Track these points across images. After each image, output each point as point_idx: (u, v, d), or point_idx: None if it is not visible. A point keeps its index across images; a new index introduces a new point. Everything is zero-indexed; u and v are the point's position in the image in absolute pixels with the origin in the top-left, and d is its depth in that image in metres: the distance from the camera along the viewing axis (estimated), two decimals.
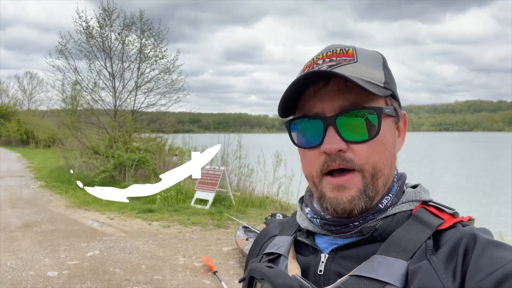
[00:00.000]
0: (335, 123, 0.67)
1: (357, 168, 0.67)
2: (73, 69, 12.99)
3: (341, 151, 0.67)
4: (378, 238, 0.67)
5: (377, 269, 0.62)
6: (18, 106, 46.99)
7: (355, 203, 0.67)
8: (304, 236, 0.77)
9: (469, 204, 11.53)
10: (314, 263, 0.72)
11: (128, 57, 13.10)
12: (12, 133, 36.81)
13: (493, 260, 0.57)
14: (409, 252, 0.63)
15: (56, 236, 6.65)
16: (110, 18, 12.75)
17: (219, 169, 9.00)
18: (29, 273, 4.97)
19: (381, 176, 0.70)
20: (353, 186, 0.67)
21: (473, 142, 71.41)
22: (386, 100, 0.71)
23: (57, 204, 9.51)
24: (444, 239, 0.64)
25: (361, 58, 0.71)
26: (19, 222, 7.58)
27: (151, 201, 9.22)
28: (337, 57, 0.71)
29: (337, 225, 0.71)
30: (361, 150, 0.67)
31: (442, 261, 0.61)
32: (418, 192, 0.73)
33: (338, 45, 0.74)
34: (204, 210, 8.39)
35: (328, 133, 0.67)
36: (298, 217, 0.81)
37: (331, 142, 0.67)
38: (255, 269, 0.68)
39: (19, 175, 14.98)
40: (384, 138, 0.69)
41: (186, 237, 6.66)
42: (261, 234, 0.92)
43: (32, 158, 22.51)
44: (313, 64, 0.72)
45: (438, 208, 0.70)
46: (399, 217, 0.69)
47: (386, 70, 0.73)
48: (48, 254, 5.67)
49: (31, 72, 56.31)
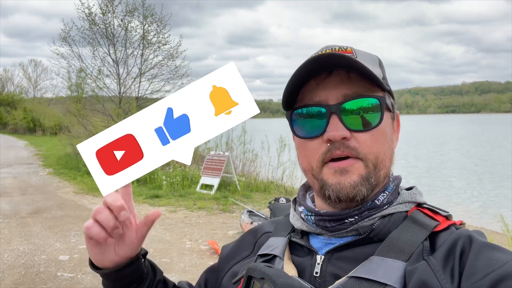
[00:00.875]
0: (339, 111, 0.67)
1: (361, 157, 0.67)
2: (77, 56, 13.05)
3: (345, 139, 0.67)
4: (375, 239, 0.67)
5: (376, 271, 0.61)
6: (23, 94, 47.37)
7: (358, 189, 0.67)
8: (298, 237, 0.76)
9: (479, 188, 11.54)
10: (309, 265, 0.71)
11: (131, 44, 13.12)
12: (19, 121, 37.15)
13: (489, 262, 0.57)
14: (407, 253, 0.63)
15: (66, 221, 6.82)
16: (112, 4, 12.73)
17: (223, 154, 9.09)
18: (41, 257, 5.14)
19: (383, 168, 0.70)
20: (355, 171, 0.67)
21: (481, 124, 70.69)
22: (384, 94, 0.71)
23: (66, 191, 9.69)
24: (440, 241, 0.65)
25: (360, 56, 0.71)
26: (29, 209, 7.76)
27: (157, 187, 9.36)
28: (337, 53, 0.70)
29: (333, 220, 0.70)
30: (364, 139, 0.67)
31: (440, 262, 0.61)
32: (414, 194, 0.74)
33: (335, 44, 0.75)
34: (209, 195, 8.52)
35: (332, 121, 0.67)
36: (291, 218, 0.80)
37: (335, 129, 0.66)
38: (254, 269, 0.65)
39: (28, 163, 15.21)
40: (385, 130, 0.70)
41: (192, 221, 6.80)
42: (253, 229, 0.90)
43: (40, 145, 22.78)
44: None
45: (432, 210, 0.71)
46: (395, 218, 0.69)
47: (383, 69, 0.74)
48: (59, 239, 5.84)
49: (36, 59, 56.42)
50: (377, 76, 0.67)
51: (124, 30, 12.89)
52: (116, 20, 12.86)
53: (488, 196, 10.46)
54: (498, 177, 13.28)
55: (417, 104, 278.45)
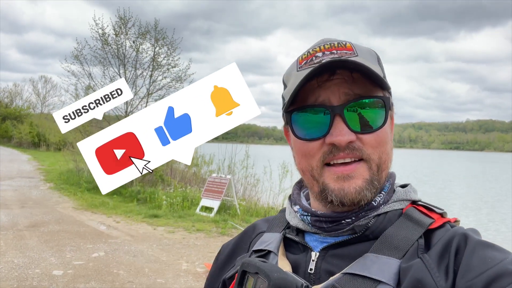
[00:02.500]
0: (343, 113, 0.65)
1: (365, 157, 0.66)
2: (87, 74, 13.29)
3: (350, 142, 0.65)
4: (370, 237, 0.66)
5: (370, 268, 0.61)
6: (31, 109, 47.91)
7: (363, 194, 0.65)
8: (293, 234, 0.75)
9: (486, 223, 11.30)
10: (304, 261, 0.70)
11: (141, 65, 13.36)
12: (24, 135, 37.42)
13: (484, 260, 0.57)
14: (401, 250, 0.62)
15: (62, 236, 6.75)
16: (125, 26, 13.07)
17: (225, 177, 9.06)
18: (35, 271, 5.06)
19: (385, 169, 0.69)
20: (359, 176, 0.65)
21: (485, 162, 70.22)
22: (384, 94, 0.69)
23: (65, 206, 9.64)
24: (435, 238, 0.64)
25: (360, 52, 0.69)
26: (27, 222, 7.70)
27: (157, 206, 9.30)
28: (337, 50, 0.68)
29: (329, 221, 0.69)
30: (369, 140, 0.66)
31: (435, 259, 0.61)
32: (408, 191, 0.73)
33: (334, 38, 0.72)
34: (209, 217, 8.44)
35: (335, 123, 0.65)
36: (287, 214, 0.79)
37: (341, 133, 0.64)
38: (249, 264, 0.65)
39: (29, 176, 15.21)
40: (387, 130, 0.69)
41: (190, 243, 6.71)
42: (247, 229, 0.88)
43: (43, 160, 22.83)
44: (311, 56, 0.69)
45: (427, 207, 0.70)
46: (391, 215, 0.68)
47: (381, 66, 0.72)
48: (54, 254, 5.76)
49: (46, 76, 57.45)
50: (381, 77, 0.65)
51: (136, 51, 13.18)
52: (128, 41, 13.19)
53: None
54: None
55: (420, 138, 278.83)
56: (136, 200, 10.02)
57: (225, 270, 0.83)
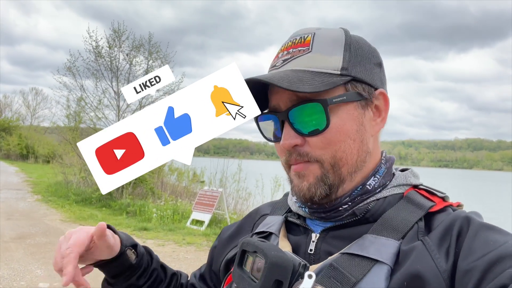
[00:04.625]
0: (287, 118, 0.68)
1: (314, 160, 0.68)
2: (79, 86, 13.24)
3: (297, 146, 0.68)
4: (370, 219, 0.68)
5: (368, 248, 0.62)
6: (20, 121, 47.37)
7: (313, 191, 0.68)
8: (295, 217, 0.77)
9: None
10: (304, 243, 0.72)
11: (134, 77, 13.36)
12: (12, 147, 36.87)
13: (486, 242, 0.57)
14: (400, 232, 0.63)
15: (49, 249, 6.59)
16: (119, 39, 13.12)
17: (217, 190, 9.01)
18: (20, 283, 4.92)
19: (344, 165, 0.69)
20: (310, 174, 0.69)
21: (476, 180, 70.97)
22: (346, 87, 0.68)
23: (52, 218, 9.45)
24: (436, 222, 0.65)
25: (317, 46, 0.69)
26: (13, 234, 7.52)
27: (147, 219, 9.17)
28: (293, 49, 0.71)
29: (327, 211, 0.71)
30: (316, 142, 0.67)
31: (435, 242, 0.61)
32: (408, 176, 0.74)
33: (302, 30, 0.73)
34: (199, 231, 8.34)
35: (285, 128, 0.69)
36: (289, 200, 0.82)
37: (285, 138, 0.68)
38: (248, 243, 0.67)
39: (16, 188, 14.93)
40: (343, 127, 0.68)
41: (180, 256, 6.61)
42: (252, 213, 0.92)
43: (31, 172, 22.47)
44: (276, 58, 0.74)
45: (429, 191, 0.71)
46: (391, 199, 0.70)
47: (348, 52, 0.69)
48: (41, 266, 5.62)
49: (37, 88, 57.16)
50: (325, 74, 0.66)
51: (129, 64, 13.22)
52: (122, 54, 13.23)
53: None
54: None
55: (410, 156, 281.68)
56: (125, 212, 9.87)
57: (226, 250, 0.86)
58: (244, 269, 0.67)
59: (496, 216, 17.03)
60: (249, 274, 0.65)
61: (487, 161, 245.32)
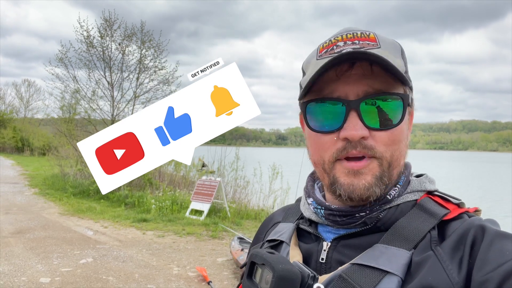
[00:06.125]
0: (358, 108, 0.63)
1: (377, 155, 0.64)
2: (72, 77, 13.06)
3: (363, 138, 0.64)
4: (382, 228, 0.66)
5: (378, 258, 0.61)
6: (14, 114, 46.92)
7: (372, 190, 0.64)
8: (306, 224, 0.76)
9: None
10: (316, 251, 0.70)
11: (127, 67, 13.19)
12: (7, 140, 36.63)
13: (502, 252, 0.55)
14: (411, 241, 0.61)
15: (49, 243, 6.59)
16: (111, 29, 12.89)
17: (215, 180, 9.00)
18: (21, 278, 4.92)
19: (397, 166, 0.68)
20: (369, 172, 0.64)
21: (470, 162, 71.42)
22: (405, 89, 0.67)
23: (50, 212, 9.43)
24: (449, 230, 0.62)
25: (384, 44, 0.67)
26: (12, 228, 7.50)
27: (145, 211, 9.18)
28: (359, 40, 0.67)
29: (343, 215, 0.68)
30: (382, 138, 0.64)
31: (448, 252, 0.59)
32: (423, 182, 0.71)
33: (357, 28, 0.70)
34: (199, 221, 8.36)
35: (350, 118, 0.63)
36: (302, 205, 0.79)
37: (355, 128, 0.63)
38: (257, 255, 0.66)
39: (13, 182, 14.86)
40: (403, 128, 0.67)
41: (180, 247, 6.63)
42: (266, 220, 0.90)
43: (27, 165, 22.37)
44: (332, 45, 0.68)
45: (443, 198, 0.69)
46: (403, 206, 0.67)
47: (405, 59, 0.70)
48: (41, 261, 5.61)
49: (29, 80, 56.42)
50: (401, 73, 0.63)
51: (121, 53, 13.02)
52: (114, 43, 13.02)
53: None
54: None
55: None
56: (124, 204, 9.86)
57: None
58: (254, 281, 0.67)
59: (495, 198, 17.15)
60: (258, 286, 0.65)
61: (482, 142, 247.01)
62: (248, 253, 0.88)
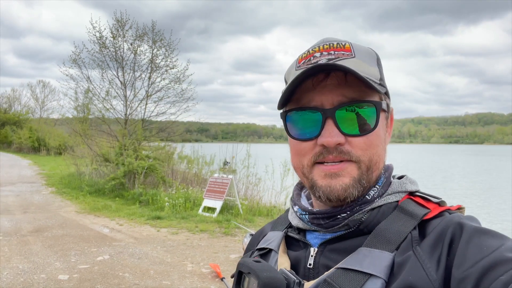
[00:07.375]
0: (334, 116, 0.66)
1: (354, 159, 0.67)
2: (86, 77, 13.28)
3: (339, 144, 0.67)
4: (365, 231, 0.68)
5: (362, 261, 0.62)
6: (30, 114, 47.84)
7: (349, 191, 0.67)
8: (295, 232, 0.78)
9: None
10: (304, 257, 0.72)
11: (139, 67, 13.34)
12: (24, 140, 37.37)
13: (480, 248, 0.56)
14: (394, 243, 0.63)
15: (66, 241, 6.76)
16: (123, 29, 13.04)
17: (227, 177, 9.07)
18: (41, 276, 5.07)
19: (376, 169, 0.70)
20: (347, 174, 0.67)
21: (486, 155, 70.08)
22: (380, 96, 0.71)
23: (67, 210, 9.65)
24: (429, 229, 0.64)
25: (358, 53, 0.70)
26: (30, 227, 7.71)
27: (159, 208, 9.31)
28: (335, 51, 0.70)
29: (326, 217, 0.71)
30: (358, 143, 0.67)
31: (427, 250, 0.61)
32: (404, 183, 0.73)
33: (334, 38, 0.73)
34: (211, 218, 8.45)
35: (326, 126, 0.67)
36: (289, 215, 0.82)
37: (330, 135, 0.66)
38: (243, 264, 0.69)
39: (31, 181, 15.21)
40: (379, 133, 0.70)
41: (194, 244, 6.72)
42: (257, 233, 0.93)
43: (43, 165, 22.83)
44: (310, 56, 0.71)
45: (424, 198, 0.71)
46: (385, 209, 0.69)
47: (380, 67, 0.73)
48: (59, 258, 5.77)
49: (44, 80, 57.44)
50: (371, 82, 0.66)
51: (133, 53, 13.17)
52: (126, 44, 13.17)
53: None
54: None
55: (420, 133, 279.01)
56: (138, 202, 10.03)
57: None
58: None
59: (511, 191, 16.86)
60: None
61: (498, 135, 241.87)
62: None
